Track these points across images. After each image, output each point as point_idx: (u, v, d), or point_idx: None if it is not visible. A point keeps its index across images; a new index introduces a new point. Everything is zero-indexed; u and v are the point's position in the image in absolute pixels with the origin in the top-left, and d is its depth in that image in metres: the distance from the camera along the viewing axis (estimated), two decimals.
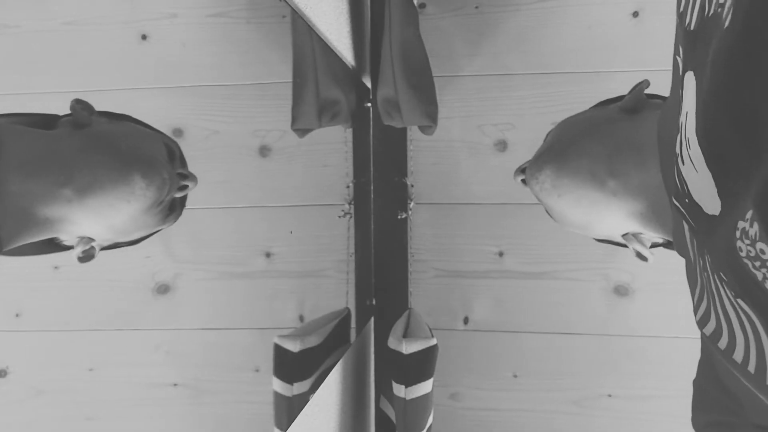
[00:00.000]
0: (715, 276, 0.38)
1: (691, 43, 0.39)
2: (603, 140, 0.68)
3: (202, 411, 0.72)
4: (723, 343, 0.37)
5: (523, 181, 0.76)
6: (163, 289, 0.67)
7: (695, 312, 0.42)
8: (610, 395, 1.21)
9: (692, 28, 0.39)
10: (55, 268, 0.54)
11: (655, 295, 1.19)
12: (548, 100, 1.20)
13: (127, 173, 0.51)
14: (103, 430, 0.59)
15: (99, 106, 0.57)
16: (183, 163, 0.62)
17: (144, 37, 0.65)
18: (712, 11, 0.35)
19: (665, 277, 1.19)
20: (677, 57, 0.44)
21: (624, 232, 0.71)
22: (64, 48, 0.56)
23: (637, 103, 0.70)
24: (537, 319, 1.22)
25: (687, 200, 0.41)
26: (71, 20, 0.57)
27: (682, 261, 0.53)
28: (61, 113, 0.55)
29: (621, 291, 1.20)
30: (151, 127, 0.61)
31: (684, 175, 0.41)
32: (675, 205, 0.44)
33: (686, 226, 0.44)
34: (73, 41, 0.57)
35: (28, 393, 0.52)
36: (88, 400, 0.57)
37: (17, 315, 0.51)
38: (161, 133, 0.62)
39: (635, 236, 0.71)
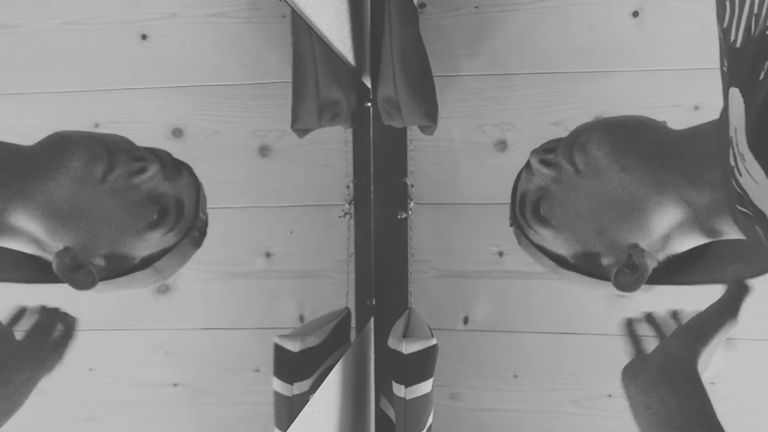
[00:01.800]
0: None
1: (736, 59, 0.40)
2: (669, 139, 0.68)
3: (202, 411, 0.72)
4: None
5: (543, 161, 0.71)
6: (163, 289, 0.67)
7: None
8: (610, 395, 1.21)
9: (738, 45, 0.40)
10: None
11: (654, 295, 1.19)
12: (548, 100, 1.20)
13: (53, 151, 0.51)
14: (103, 430, 0.59)
15: (99, 106, 0.57)
16: (176, 169, 0.60)
17: (144, 37, 0.65)
18: (758, 31, 0.36)
19: None
20: (723, 68, 0.44)
21: (641, 240, 0.70)
22: (64, 48, 0.56)
23: None
24: (537, 319, 1.22)
25: (752, 207, 0.42)
26: (71, 20, 0.57)
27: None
28: (60, 113, 0.55)
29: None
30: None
31: (744, 186, 0.42)
32: (742, 211, 0.45)
33: (759, 230, 0.45)
34: (73, 41, 0.57)
35: None
36: (88, 400, 0.57)
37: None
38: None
39: (645, 252, 0.70)
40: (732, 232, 0.62)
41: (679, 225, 0.67)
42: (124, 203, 0.54)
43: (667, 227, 0.68)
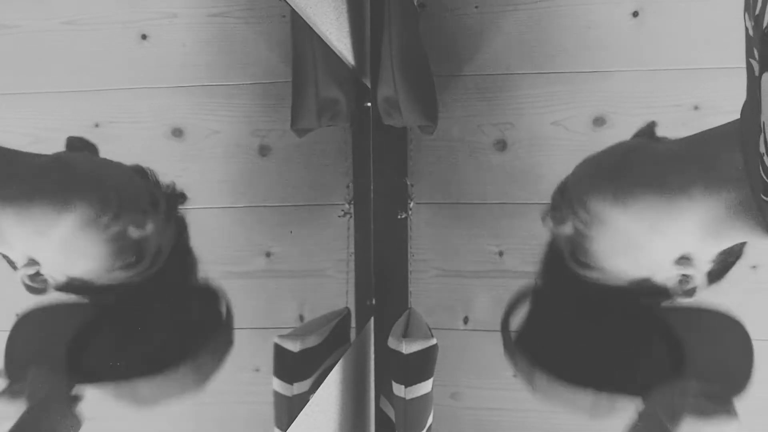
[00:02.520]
0: None
1: None
2: (660, 152, 0.69)
3: (202, 411, 0.72)
4: None
5: (554, 219, 0.75)
6: None
7: None
8: None
9: None
10: None
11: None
12: (548, 99, 1.20)
13: (62, 184, 0.51)
14: (103, 430, 0.59)
15: (99, 106, 0.57)
16: (165, 218, 0.61)
17: (144, 37, 0.65)
18: None
19: None
20: (751, 60, 0.44)
21: (679, 255, 0.71)
22: (64, 48, 0.56)
23: (652, 132, 0.73)
24: None
25: None
26: (71, 20, 0.57)
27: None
28: (60, 113, 0.55)
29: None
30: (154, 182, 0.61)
31: None
32: (765, 200, 0.45)
33: None
34: (73, 41, 0.57)
35: None
36: (87, 399, 0.57)
37: (17, 315, 0.51)
38: (158, 188, 0.61)
39: (688, 260, 0.70)
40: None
41: (712, 222, 0.67)
42: (113, 247, 0.55)
43: (699, 229, 0.68)
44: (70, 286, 0.55)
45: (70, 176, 0.53)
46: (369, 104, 1.20)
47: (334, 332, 0.96)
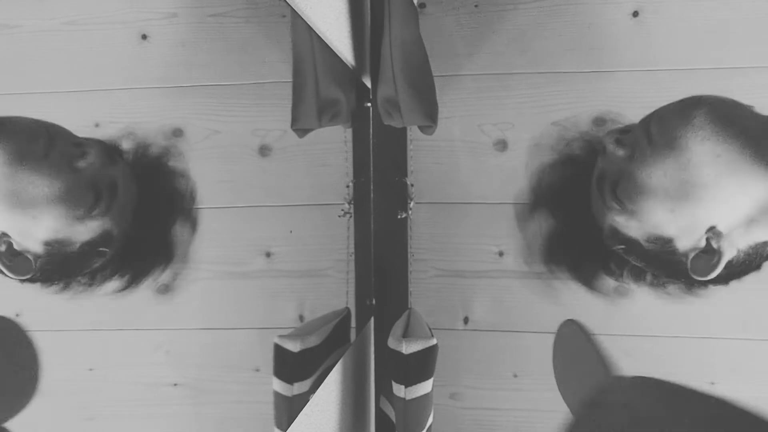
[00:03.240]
0: None
1: None
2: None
3: (202, 411, 0.72)
4: None
5: (618, 141, 0.68)
6: (163, 290, 0.67)
7: None
8: None
9: None
10: None
11: (654, 295, 1.19)
12: (548, 99, 1.20)
13: None
14: (103, 430, 0.59)
15: (99, 106, 0.57)
16: (113, 158, 0.59)
17: (144, 37, 0.65)
18: None
19: None
20: None
21: (716, 225, 0.66)
22: (64, 48, 0.56)
23: None
24: (537, 319, 1.22)
25: None
26: (71, 20, 0.57)
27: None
28: (60, 113, 0.55)
29: (621, 291, 1.20)
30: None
31: None
32: None
33: None
34: (73, 41, 0.57)
35: None
36: (88, 400, 0.57)
37: (17, 315, 0.51)
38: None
39: (720, 234, 0.66)
40: None
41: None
42: (65, 187, 0.53)
43: (751, 207, 0.64)
44: (52, 255, 0.53)
45: None
46: (369, 104, 1.20)
47: (334, 332, 0.96)
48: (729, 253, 0.68)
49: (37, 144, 0.51)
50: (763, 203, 0.64)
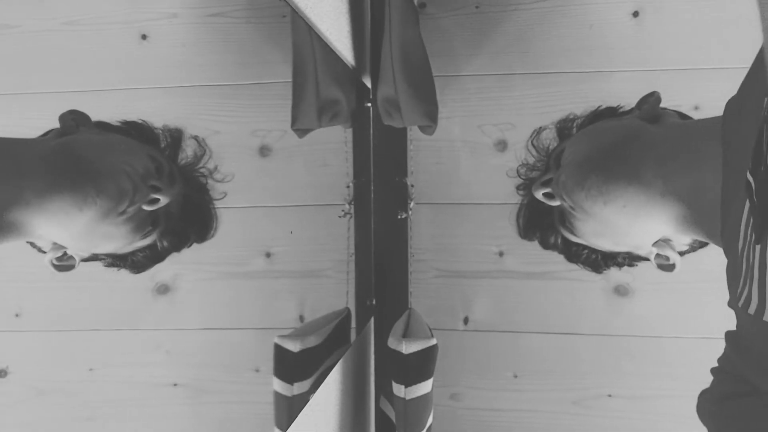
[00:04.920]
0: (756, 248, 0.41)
1: None
2: (646, 145, 0.70)
3: (202, 411, 0.72)
4: (752, 308, 0.43)
5: (546, 195, 0.78)
6: (163, 289, 0.67)
7: (738, 301, 0.46)
8: (610, 395, 1.21)
9: None
10: None
11: (655, 295, 1.19)
12: (548, 100, 1.20)
13: (79, 180, 0.52)
14: (103, 430, 0.59)
15: (99, 106, 0.57)
16: (170, 179, 0.62)
17: (144, 37, 0.65)
18: None
19: (665, 277, 1.19)
20: None
21: (656, 239, 0.74)
22: (64, 48, 0.56)
23: (656, 112, 0.74)
24: (537, 319, 1.22)
25: (764, 168, 0.43)
26: (71, 20, 0.57)
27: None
28: (59, 113, 0.55)
29: (621, 291, 1.20)
30: (154, 138, 0.62)
31: None
32: (747, 180, 0.45)
33: (747, 206, 0.47)
34: (73, 41, 0.57)
35: (28, 393, 0.52)
36: (88, 400, 0.57)
37: (17, 315, 0.51)
38: (158, 148, 0.62)
39: (666, 242, 0.74)
40: None
41: (680, 220, 0.69)
42: (132, 226, 0.57)
43: (672, 225, 0.70)
44: (97, 257, 0.58)
45: (83, 168, 0.53)
46: (369, 104, 1.20)
47: (334, 332, 0.96)
48: (676, 257, 0.77)
49: (122, 204, 0.55)
50: (680, 216, 0.70)
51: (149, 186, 0.58)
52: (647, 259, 0.82)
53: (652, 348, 1.19)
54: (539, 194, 0.79)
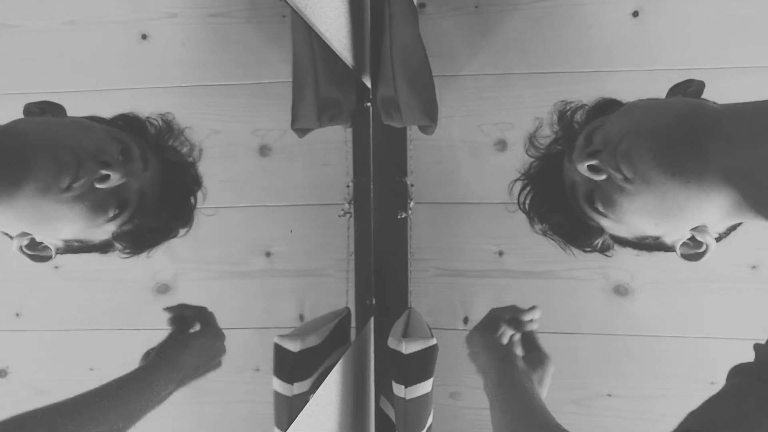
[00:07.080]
0: None
1: None
2: (712, 120, 0.67)
3: (202, 411, 0.72)
4: None
5: (592, 168, 0.72)
6: (163, 289, 0.67)
7: None
8: (610, 395, 1.21)
9: None
10: (56, 267, 0.54)
11: (654, 294, 1.19)
12: (548, 99, 1.20)
13: (12, 155, 0.49)
14: None
15: (99, 106, 0.57)
16: (143, 162, 0.59)
17: (144, 37, 0.65)
18: None
19: (665, 276, 1.19)
20: None
21: (698, 224, 0.72)
22: (64, 48, 0.56)
23: (701, 96, 0.73)
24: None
25: None
26: (71, 20, 0.57)
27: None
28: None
29: (621, 290, 1.20)
30: (139, 125, 0.60)
31: None
32: None
33: None
34: (73, 41, 0.57)
35: (28, 393, 0.52)
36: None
37: (17, 315, 0.51)
38: (140, 134, 0.61)
39: (702, 229, 0.72)
40: None
41: (734, 205, 0.67)
42: (86, 205, 0.54)
43: (723, 209, 0.69)
44: (71, 247, 0.55)
45: (19, 143, 0.50)
46: (369, 104, 1.21)
47: (334, 332, 0.96)
48: (713, 243, 0.74)
49: (62, 178, 0.52)
50: (731, 202, 0.67)
51: (99, 162, 0.54)
52: (671, 249, 0.78)
53: (651, 348, 1.19)
54: (584, 166, 0.72)
